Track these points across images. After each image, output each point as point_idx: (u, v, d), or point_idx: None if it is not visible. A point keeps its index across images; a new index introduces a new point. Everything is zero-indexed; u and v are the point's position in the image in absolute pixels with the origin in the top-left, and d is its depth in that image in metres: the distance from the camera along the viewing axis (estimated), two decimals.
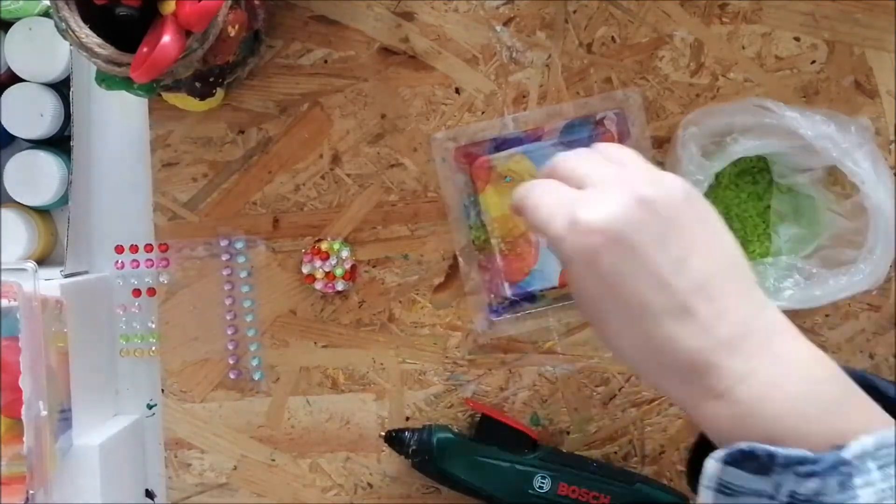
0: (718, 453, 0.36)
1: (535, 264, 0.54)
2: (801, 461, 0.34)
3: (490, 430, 0.53)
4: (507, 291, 0.54)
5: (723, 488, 0.36)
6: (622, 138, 0.52)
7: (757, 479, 0.36)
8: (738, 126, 0.50)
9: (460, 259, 0.54)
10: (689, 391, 0.38)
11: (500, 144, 0.54)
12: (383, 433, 0.54)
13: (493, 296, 0.54)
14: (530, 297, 0.54)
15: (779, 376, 0.37)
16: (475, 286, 0.53)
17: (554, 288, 0.54)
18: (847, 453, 0.34)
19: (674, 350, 0.38)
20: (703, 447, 0.40)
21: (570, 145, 0.53)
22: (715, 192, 0.54)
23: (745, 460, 0.36)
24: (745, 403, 0.37)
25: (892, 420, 0.37)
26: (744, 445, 0.35)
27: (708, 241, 0.40)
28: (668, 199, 0.39)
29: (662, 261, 0.38)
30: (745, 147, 0.50)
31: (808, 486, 0.34)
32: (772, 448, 0.35)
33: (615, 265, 0.39)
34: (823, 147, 0.48)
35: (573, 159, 0.44)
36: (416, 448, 0.52)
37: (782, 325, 0.40)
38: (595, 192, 0.40)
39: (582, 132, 0.52)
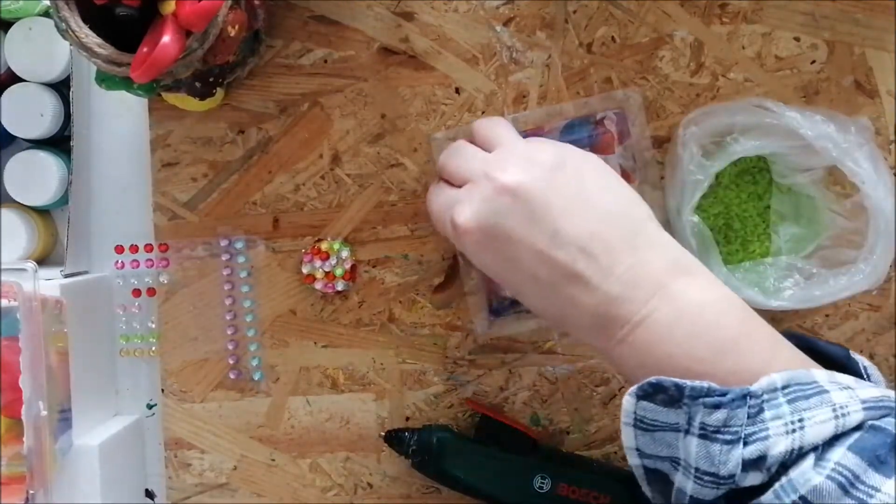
0: (632, 389, 0.38)
1: None
2: (708, 393, 0.36)
3: (490, 430, 0.53)
4: (507, 291, 0.54)
5: (639, 423, 0.38)
6: (622, 138, 0.52)
7: (669, 412, 0.37)
8: (738, 126, 0.50)
9: (460, 259, 0.54)
10: (600, 341, 0.41)
11: None
12: (383, 433, 0.54)
13: (493, 296, 0.54)
14: None
15: (672, 318, 0.39)
16: (475, 286, 0.53)
17: None
18: (754, 387, 0.36)
19: (576, 308, 0.41)
20: None
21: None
22: (715, 192, 0.54)
23: (655, 393, 0.37)
24: (646, 344, 0.39)
25: (812, 363, 0.39)
26: (652, 379, 0.37)
27: (582, 202, 0.42)
28: (531, 178, 0.42)
29: (537, 237, 0.41)
30: (745, 147, 0.50)
31: (716, 417, 0.35)
32: (678, 380, 0.37)
33: (500, 251, 0.42)
34: (823, 147, 0.48)
35: (451, 158, 0.47)
36: (416, 448, 0.52)
37: (680, 266, 0.41)
38: (465, 192, 0.44)
39: (582, 132, 0.52)
